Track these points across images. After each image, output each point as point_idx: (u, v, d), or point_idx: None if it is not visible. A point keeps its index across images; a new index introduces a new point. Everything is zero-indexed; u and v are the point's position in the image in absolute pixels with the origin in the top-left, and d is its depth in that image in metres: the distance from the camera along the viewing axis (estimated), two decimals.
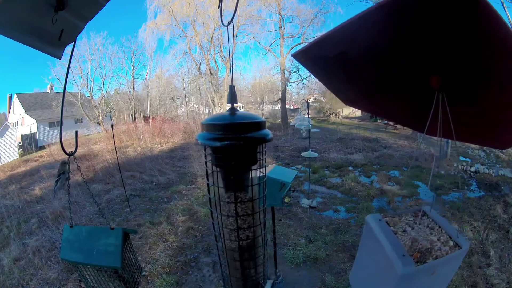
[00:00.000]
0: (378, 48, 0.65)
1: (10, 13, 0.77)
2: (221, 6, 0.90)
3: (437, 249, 0.82)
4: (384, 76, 0.82)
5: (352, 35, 0.60)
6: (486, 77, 0.66)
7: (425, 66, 0.70)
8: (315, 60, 0.78)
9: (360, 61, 0.74)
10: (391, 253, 0.77)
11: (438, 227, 0.92)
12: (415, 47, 0.61)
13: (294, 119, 6.45)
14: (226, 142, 0.70)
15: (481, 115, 0.84)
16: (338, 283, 3.18)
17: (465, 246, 0.82)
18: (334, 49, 0.69)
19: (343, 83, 0.92)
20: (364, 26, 0.56)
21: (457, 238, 0.85)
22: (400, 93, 0.89)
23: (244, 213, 0.81)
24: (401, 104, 0.98)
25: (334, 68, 0.80)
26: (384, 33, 0.58)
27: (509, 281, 3.09)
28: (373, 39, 0.60)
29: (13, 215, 6.04)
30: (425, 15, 0.50)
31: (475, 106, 0.81)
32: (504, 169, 7.11)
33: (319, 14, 17.31)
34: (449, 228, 0.89)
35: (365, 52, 0.69)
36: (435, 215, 0.98)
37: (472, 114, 0.83)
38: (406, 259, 0.74)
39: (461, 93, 0.75)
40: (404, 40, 0.59)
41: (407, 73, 0.76)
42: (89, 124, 20.13)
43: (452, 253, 0.81)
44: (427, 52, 0.61)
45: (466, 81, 0.71)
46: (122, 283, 1.24)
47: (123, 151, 11.92)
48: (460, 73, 0.68)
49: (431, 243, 0.84)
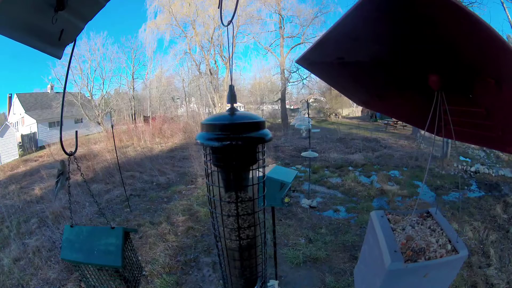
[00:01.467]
0: (376, 50, 0.65)
1: (10, 13, 0.77)
2: (221, 6, 0.90)
3: (432, 251, 0.80)
4: (386, 76, 0.82)
5: (349, 32, 0.60)
6: (482, 76, 0.66)
7: (422, 65, 0.70)
8: (317, 65, 0.78)
9: (360, 64, 0.74)
10: (384, 248, 0.77)
11: (440, 229, 0.91)
12: (404, 45, 0.61)
13: (294, 119, 6.46)
14: (225, 142, 0.70)
15: (482, 116, 0.84)
16: (338, 283, 3.18)
17: (462, 252, 0.79)
18: (333, 53, 0.69)
19: (350, 84, 0.92)
20: (357, 24, 0.56)
21: (456, 243, 0.82)
22: (406, 93, 0.89)
23: (245, 213, 0.81)
24: (408, 103, 0.98)
25: (337, 70, 0.80)
26: (378, 30, 0.58)
27: (509, 281, 3.09)
28: (369, 37, 0.61)
29: (13, 215, 6.04)
30: (397, 15, 0.50)
31: (475, 106, 0.81)
32: (504, 169, 7.11)
33: (319, 14, 17.34)
34: (450, 232, 0.87)
35: (363, 54, 0.69)
36: (440, 218, 0.96)
37: (473, 114, 0.83)
38: (396, 255, 0.74)
39: (460, 93, 0.75)
40: (394, 38, 0.60)
41: (408, 74, 0.76)
42: (89, 124, 20.13)
43: (447, 257, 0.78)
44: (418, 51, 0.62)
45: (464, 81, 0.71)
46: (123, 282, 1.25)
47: (123, 151, 11.92)
48: (455, 72, 0.68)
49: (428, 244, 0.83)
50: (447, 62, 0.65)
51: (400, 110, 1.10)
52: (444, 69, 0.69)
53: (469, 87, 0.73)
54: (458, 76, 0.70)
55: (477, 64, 0.62)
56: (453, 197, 5.61)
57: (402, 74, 0.78)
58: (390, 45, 0.63)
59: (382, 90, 0.92)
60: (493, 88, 0.69)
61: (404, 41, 0.59)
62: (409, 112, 1.08)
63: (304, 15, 17.38)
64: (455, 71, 0.68)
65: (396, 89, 0.89)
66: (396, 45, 0.62)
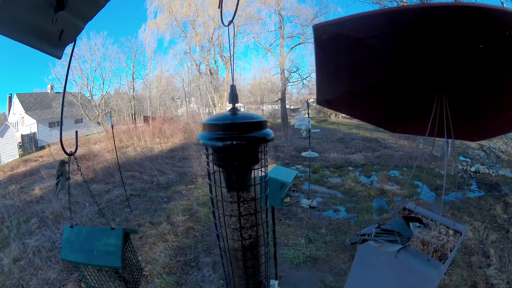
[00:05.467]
0: (400, 43, 0.65)
1: (10, 13, 0.77)
2: (221, 6, 0.90)
3: (446, 242, 0.85)
4: (395, 72, 0.81)
5: (384, 23, 0.60)
6: (488, 84, 0.67)
7: (433, 71, 0.70)
8: (335, 39, 0.73)
9: (378, 51, 0.71)
10: (416, 262, 0.76)
11: (431, 220, 0.94)
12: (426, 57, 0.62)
13: (294, 119, 6.44)
14: (228, 142, 0.69)
15: (478, 115, 0.84)
16: (338, 283, 3.18)
17: (464, 231, 0.87)
18: (367, 31, 0.66)
19: (345, 72, 0.88)
20: (396, 21, 0.57)
21: (454, 226, 0.89)
22: (403, 94, 0.88)
23: (247, 213, 0.81)
24: (377, 103, 0.97)
25: (350, 51, 0.75)
26: (410, 33, 0.59)
27: (509, 281, 3.09)
28: (400, 34, 0.61)
29: (13, 215, 6.04)
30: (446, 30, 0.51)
31: (475, 105, 0.81)
32: (504, 169, 7.11)
33: (319, 14, 17.33)
34: (442, 219, 0.93)
35: (387, 44, 0.68)
36: (422, 210, 0.99)
37: (470, 112, 0.84)
38: (434, 263, 0.75)
39: (461, 96, 0.75)
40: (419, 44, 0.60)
41: (411, 75, 0.76)
42: (89, 124, 20.13)
43: (459, 240, 0.85)
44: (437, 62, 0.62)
45: (468, 88, 0.71)
46: (123, 283, 1.24)
47: (123, 151, 11.91)
48: (464, 81, 0.68)
49: (437, 238, 0.87)
50: (462, 73, 0.66)
51: (373, 111, 1.07)
52: (454, 78, 0.69)
53: (471, 92, 0.73)
54: (465, 84, 0.71)
55: (493, 78, 0.63)
56: (453, 197, 5.60)
57: (405, 75, 0.77)
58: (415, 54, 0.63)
59: (379, 86, 0.89)
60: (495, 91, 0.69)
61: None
62: (375, 112, 1.06)
63: (304, 15, 17.41)
64: (465, 81, 0.69)
65: (392, 89, 0.87)
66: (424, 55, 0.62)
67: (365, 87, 0.89)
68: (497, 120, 0.81)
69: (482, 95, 0.73)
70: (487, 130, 0.90)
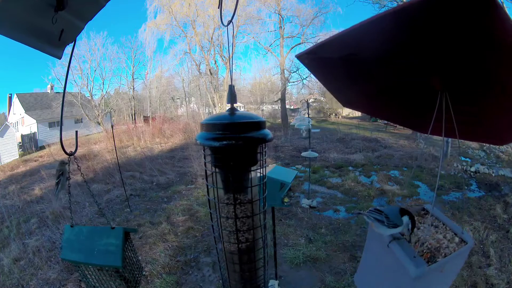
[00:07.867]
0: (385, 50, 0.66)
1: (10, 13, 0.77)
2: (221, 6, 0.90)
3: (444, 247, 0.84)
4: (387, 77, 0.82)
5: (360, 38, 0.61)
6: (488, 79, 0.66)
7: (430, 67, 0.70)
8: (320, 61, 0.78)
9: (365, 63, 0.74)
10: (402, 256, 0.76)
11: (442, 224, 0.93)
12: (422, 49, 0.62)
13: (294, 119, 6.45)
14: (224, 142, 0.69)
15: (482, 114, 0.84)
16: (338, 283, 3.18)
17: (470, 242, 0.84)
18: (342, 50, 0.69)
19: (345, 83, 0.92)
20: (373, 30, 0.57)
21: (462, 235, 0.86)
22: (402, 94, 0.89)
23: (244, 215, 0.79)
24: (402, 104, 0.98)
25: (339, 68, 0.80)
26: (393, 37, 0.59)
27: (509, 281, 3.09)
28: (381, 42, 0.61)
29: (13, 215, 6.04)
30: (438, 21, 0.50)
31: (476, 105, 0.81)
32: (504, 169, 7.11)
33: (319, 14, 17.31)
34: (453, 225, 0.91)
35: (370, 54, 0.69)
36: (437, 213, 0.98)
37: (474, 113, 0.84)
38: (418, 260, 0.75)
39: (463, 93, 0.75)
40: (412, 43, 0.60)
41: (412, 75, 0.76)
42: (89, 124, 20.12)
43: (459, 249, 0.83)
44: (433, 54, 0.62)
45: (469, 82, 0.71)
46: (123, 282, 1.25)
47: (123, 151, 11.92)
48: (463, 74, 0.68)
49: (438, 241, 0.86)
50: (459, 66, 0.65)
51: (392, 112, 1.11)
52: (452, 72, 0.69)
53: (473, 88, 0.73)
54: (465, 79, 0.70)
55: (491, 70, 0.62)
56: (453, 197, 5.60)
57: (405, 76, 0.78)
58: (406, 46, 0.63)
59: (377, 91, 0.92)
60: (497, 91, 0.69)
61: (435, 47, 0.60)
62: (402, 113, 1.09)
63: (304, 15, 17.38)
64: (463, 74, 0.68)
65: (393, 90, 0.89)
66: (413, 46, 0.62)
67: (376, 91, 0.91)
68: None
69: (485, 92, 0.73)
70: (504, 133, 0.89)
